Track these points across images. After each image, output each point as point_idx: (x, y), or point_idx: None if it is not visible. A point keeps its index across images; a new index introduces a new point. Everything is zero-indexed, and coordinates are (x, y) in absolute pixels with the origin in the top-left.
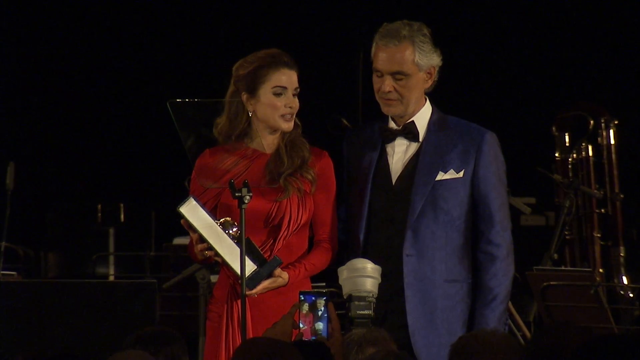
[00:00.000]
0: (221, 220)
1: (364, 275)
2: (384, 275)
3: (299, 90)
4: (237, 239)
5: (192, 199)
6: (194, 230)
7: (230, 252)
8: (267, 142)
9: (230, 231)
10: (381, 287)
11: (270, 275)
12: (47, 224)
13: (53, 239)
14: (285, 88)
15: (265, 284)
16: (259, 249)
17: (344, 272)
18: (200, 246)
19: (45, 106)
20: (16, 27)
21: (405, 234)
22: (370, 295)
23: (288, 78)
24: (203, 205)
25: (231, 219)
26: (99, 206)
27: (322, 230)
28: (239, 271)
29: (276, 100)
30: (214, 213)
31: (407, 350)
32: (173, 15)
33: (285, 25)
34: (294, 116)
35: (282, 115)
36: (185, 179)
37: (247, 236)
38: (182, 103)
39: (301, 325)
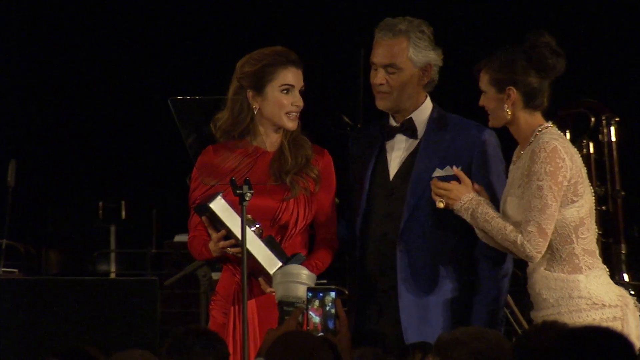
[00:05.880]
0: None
1: (297, 282)
2: (380, 270)
3: (304, 88)
4: (260, 237)
5: (221, 196)
6: (221, 227)
7: (257, 249)
8: (271, 140)
9: (252, 228)
10: (377, 282)
11: None
12: (48, 221)
13: (54, 236)
14: (292, 86)
15: None
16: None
17: (277, 277)
18: (224, 243)
19: (47, 104)
20: (17, 25)
21: (399, 230)
22: (301, 301)
23: (295, 76)
24: (230, 203)
25: (251, 217)
26: (100, 203)
27: (324, 228)
28: (267, 267)
29: (283, 98)
30: None
31: (400, 346)
32: (174, 13)
33: (286, 22)
34: (298, 115)
35: (288, 114)
36: (186, 177)
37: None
38: (183, 100)
39: (313, 315)
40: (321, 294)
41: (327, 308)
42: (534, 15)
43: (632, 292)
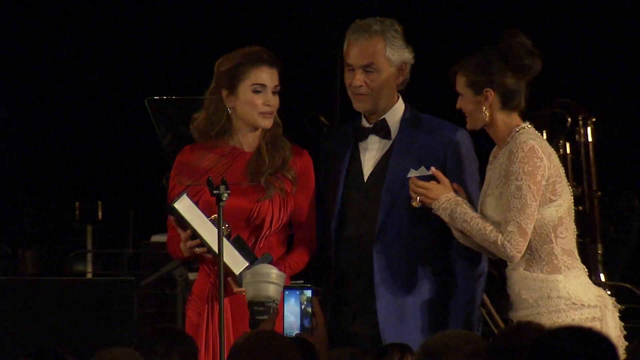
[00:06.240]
0: (212, 217)
1: (266, 281)
2: (356, 272)
3: (279, 88)
4: (228, 237)
5: (186, 196)
6: (187, 226)
7: (224, 249)
8: (248, 140)
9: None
10: (353, 284)
11: None
12: (24, 221)
13: (31, 236)
14: (264, 86)
15: None
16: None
17: (247, 277)
18: (191, 242)
19: (22, 104)
20: None
21: (375, 231)
22: (271, 301)
23: (268, 76)
24: (196, 203)
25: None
26: (77, 203)
27: (302, 229)
28: (232, 267)
29: (255, 98)
30: None
31: (377, 347)
32: (151, 15)
33: (263, 23)
34: (274, 114)
35: (261, 113)
36: (163, 177)
37: (235, 234)
38: (159, 100)
39: (288, 313)
40: (297, 292)
41: (303, 306)
42: (509, 15)
43: (609, 292)
